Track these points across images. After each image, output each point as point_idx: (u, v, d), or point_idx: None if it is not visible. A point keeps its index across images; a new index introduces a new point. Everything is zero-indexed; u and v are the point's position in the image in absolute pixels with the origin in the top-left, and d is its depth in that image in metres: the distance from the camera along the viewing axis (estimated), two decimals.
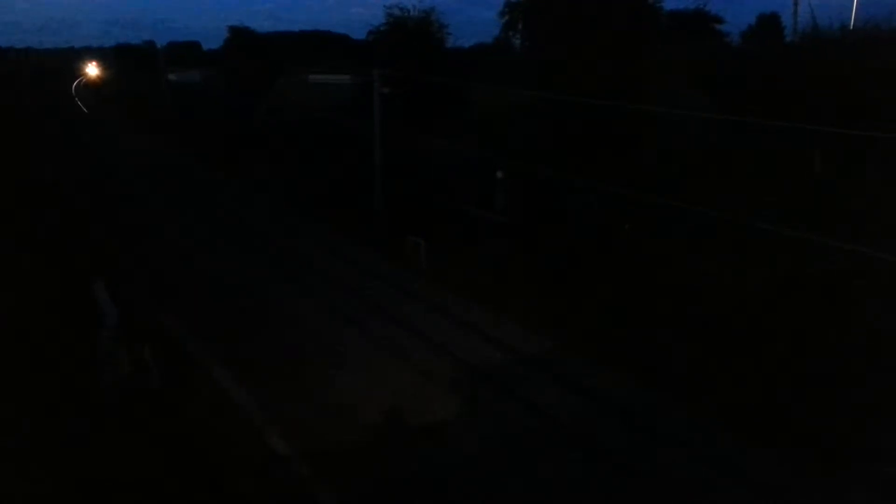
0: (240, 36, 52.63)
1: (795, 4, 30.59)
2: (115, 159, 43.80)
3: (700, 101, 21.49)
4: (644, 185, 18.44)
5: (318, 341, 16.64)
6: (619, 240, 19.97)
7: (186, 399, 13.62)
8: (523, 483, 11.42)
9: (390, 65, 26.73)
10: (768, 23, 37.80)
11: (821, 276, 15.39)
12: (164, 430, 12.12)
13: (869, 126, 15.17)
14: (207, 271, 21.88)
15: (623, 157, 21.12)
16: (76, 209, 28.61)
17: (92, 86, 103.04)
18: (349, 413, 13.31)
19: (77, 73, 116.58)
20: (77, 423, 11.94)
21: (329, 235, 25.90)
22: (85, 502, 10.46)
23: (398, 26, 32.28)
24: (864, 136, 14.86)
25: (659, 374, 14.54)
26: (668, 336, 15.57)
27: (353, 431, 12.76)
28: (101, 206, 29.79)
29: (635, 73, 22.04)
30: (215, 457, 11.77)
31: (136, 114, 64.93)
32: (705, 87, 22.70)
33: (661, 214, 18.14)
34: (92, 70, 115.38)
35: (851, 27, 23.72)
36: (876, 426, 11.92)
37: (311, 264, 22.61)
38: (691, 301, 16.45)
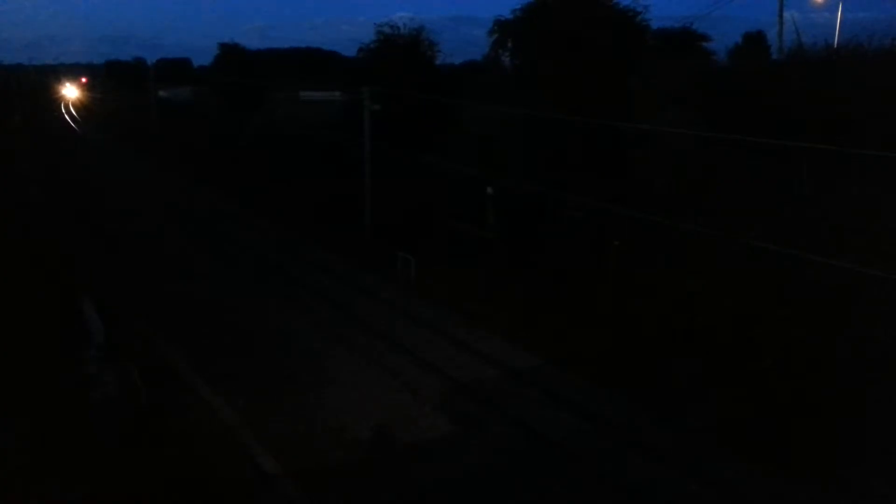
0: (230, 53, 52.68)
1: (781, 23, 30.94)
2: (103, 178, 43.69)
3: (687, 118, 21.64)
4: (633, 202, 18.52)
5: (307, 358, 16.57)
6: (609, 256, 20.01)
7: (174, 418, 13.51)
8: (514, 500, 11.37)
9: (381, 82, 26.84)
10: (754, 41, 38.22)
11: (808, 290, 15.46)
12: (153, 450, 12.01)
13: (854, 143, 15.32)
14: (195, 288, 21.76)
15: (611, 174, 21.21)
16: (65, 227, 28.51)
17: (77, 105, 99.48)
18: (338, 431, 13.23)
19: (56, 93, 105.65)
20: (65, 443, 11.81)
21: (318, 251, 25.88)
22: None
23: (388, 44, 32.41)
24: (849, 152, 14.99)
25: (649, 388, 14.55)
26: (657, 351, 15.59)
27: (341, 450, 12.68)
28: (89, 222, 29.65)
29: (623, 90, 22.20)
30: (204, 476, 11.65)
31: (126, 131, 64.92)
32: (692, 103, 22.88)
33: (650, 230, 18.21)
34: (70, 91, 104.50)
35: (835, 46, 24.00)
36: (865, 439, 11.95)
37: (300, 280, 22.56)
38: (680, 316, 16.47)
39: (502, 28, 25.24)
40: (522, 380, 15.41)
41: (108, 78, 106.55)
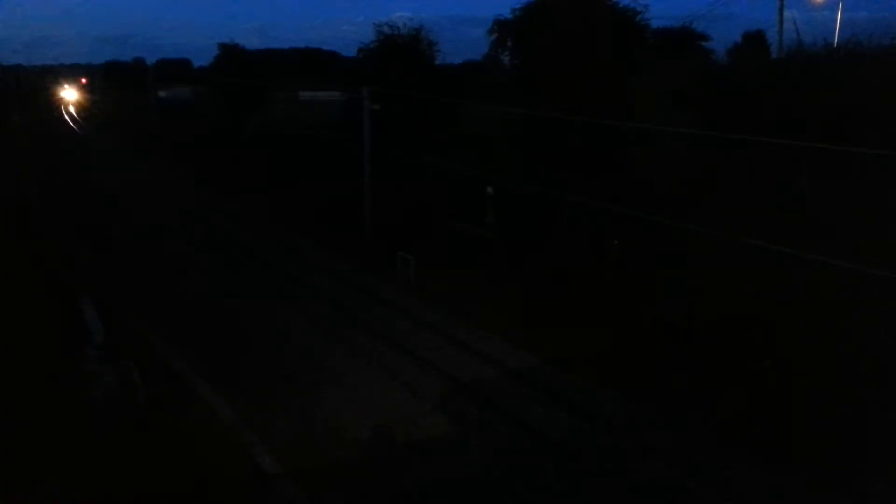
0: (230, 53, 52.66)
1: (781, 23, 30.95)
2: (103, 178, 43.69)
3: (686, 117, 21.63)
4: (633, 201, 18.51)
5: (306, 358, 16.57)
6: (608, 255, 20.01)
7: (173, 417, 13.51)
8: (514, 500, 11.37)
9: (381, 82, 26.84)
10: (754, 40, 38.22)
11: (808, 290, 15.45)
12: (153, 450, 12.00)
13: (854, 142, 15.31)
14: (195, 288, 21.77)
15: (611, 174, 21.20)
16: (65, 227, 28.52)
17: (76, 106, 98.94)
18: (338, 431, 13.23)
19: (55, 94, 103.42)
20: (65, 443, 11.81)
21: (318, 252, 25.87)
22: None
23: (388, 44, 32.41)
24: (848, 151, 14.98)
25: (649, 388, 14.53)
26: (657, 351, 15.57)
27: (341, 450, 12.67)
28: (90, 222, 29.64)
29: (622, 89, 22.19)
30: (204, 476, 11.64)
31: (126, 131, 64.91)
32: (692, 103, 22.89)
33: (650, 230, 18.21)
34: (70, 94, 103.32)
35: (835, 45, 24.01)
36: (865, 440, 11.95)
37: (300, 280, 22.55)
38: (680, 316, 16.46)
39: (502, 28, 25.21)
40: (522, 380, 15.40)
41: (107, 78, 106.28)
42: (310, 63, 68.51)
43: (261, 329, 18.46)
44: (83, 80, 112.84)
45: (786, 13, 30.44)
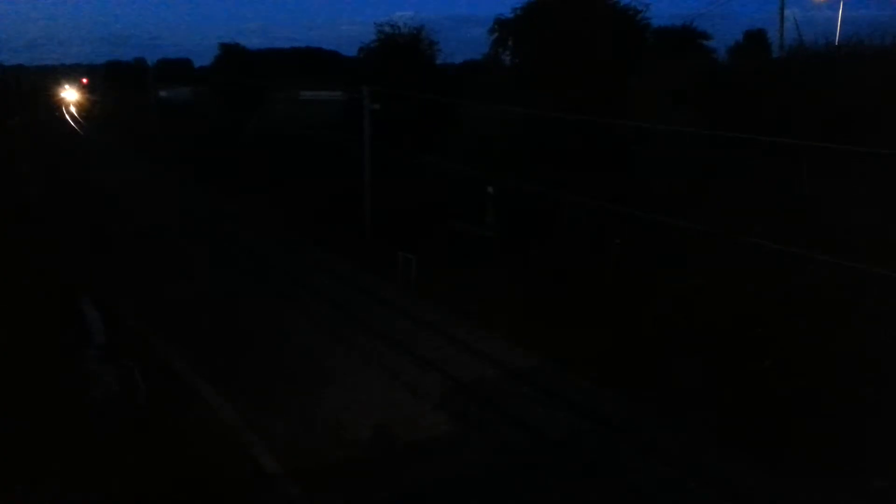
0: (230, 53, 52.72)
1: (782, 21, 30.95)
2: (103, 177, 43.71)
3: (687, 116, 21.62)
4: (632, 201, 18.50)
5: (306, 358, 16.57)
6: (609, 254, 20.00)
7: (174, 417, 13.50)
8: (514, 500, 11.37)
9: (381, 82, 26.85)
10: (755, 39, 38.24)
11: (808, 290, 15.44)
12: (153, 450, 12.00)
13: (854, 142, 15.29)
14: (195, 288, 21.76)
15: (611, 173, 21.20)
16: (65, 226, 28.53)
17: (77, 106, 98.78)
18: (338, 431, 13.23)
19: (56, 95, 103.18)
20: (65, 443, 11.81)
21: (318, 251, 25.87)
22: None
23: (389, 43, 32.45)
24: (848, 150, 14.97)
25: (650, 388, 14.53)
26: (657, 351, 15.57)
27: (341, 450, 12.67)
28: (90, 222, 29.65)
29: (622, 89, 22.21)
30: (204, 476, 11.65)
31: (127, 131, 64.91)
32: (692, 102, 22.87)
33: (650, 229, 18.19)
34: (70, 94, 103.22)
35: (836, 44, 24.00)
36: (865, 439, 11.94)
37: (300, 280, 22.55)
38: (680, 316, 16.45)
39: (503, 27, 25.26)
40: (522, 379, 15.39)
41: (108, 78, 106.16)
42: (310, 63, 68.44)
43: (261, 329, 18.46)
44: (84, 81, 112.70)
45: (787, 12, 30.43)
